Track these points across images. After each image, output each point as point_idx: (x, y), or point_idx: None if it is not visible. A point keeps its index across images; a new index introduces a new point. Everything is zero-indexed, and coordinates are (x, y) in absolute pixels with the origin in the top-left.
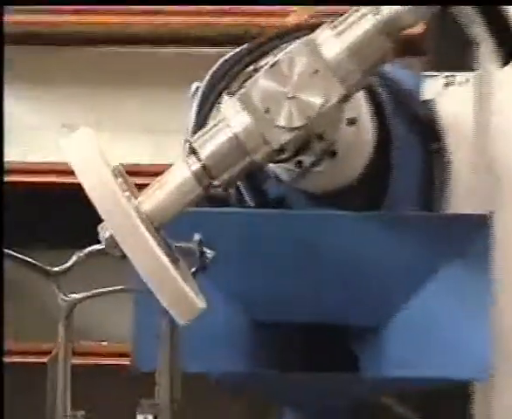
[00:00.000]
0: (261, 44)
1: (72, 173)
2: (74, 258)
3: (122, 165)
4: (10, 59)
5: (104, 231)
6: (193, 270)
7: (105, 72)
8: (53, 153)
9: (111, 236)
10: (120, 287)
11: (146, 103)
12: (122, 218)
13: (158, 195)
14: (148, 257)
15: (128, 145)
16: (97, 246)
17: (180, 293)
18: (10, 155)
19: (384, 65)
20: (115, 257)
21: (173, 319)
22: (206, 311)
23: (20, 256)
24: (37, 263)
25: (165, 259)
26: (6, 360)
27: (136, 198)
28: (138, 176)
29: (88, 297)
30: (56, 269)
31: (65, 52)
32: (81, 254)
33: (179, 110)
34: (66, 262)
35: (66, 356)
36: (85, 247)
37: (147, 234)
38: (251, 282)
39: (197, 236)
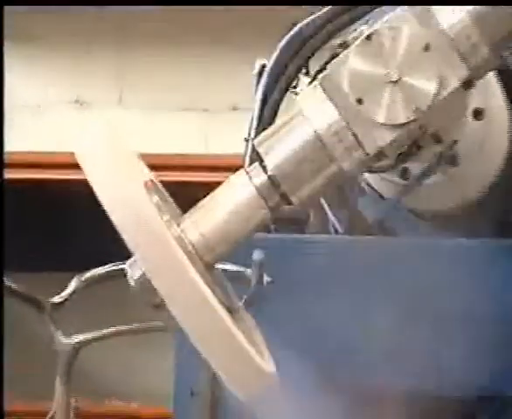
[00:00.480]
0: (349, 8)
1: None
2: (74, 284)
3: (153, 156)
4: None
5: (133, 270)
6: (243, 299)
7: (132, 33)
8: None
9: (143, 278)
10: (147, 325)
11: (185, 73)
12: (161, 253)
13: (209, 219)
14: (198, 308)
15: (166, 129)
16: (102, 269)
17: (243, 359)
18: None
19: None
20: (149, 305)
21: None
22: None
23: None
24: (24, 292)
25: (222, 312)
26: None
27: (179, 224)
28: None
29: (100, 338)
30: (52, 300)
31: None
32: (82, 278)
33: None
34: (61, 288)
35: None
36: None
37: (195, 275)
38: (336, 336)
39: (257, 255)
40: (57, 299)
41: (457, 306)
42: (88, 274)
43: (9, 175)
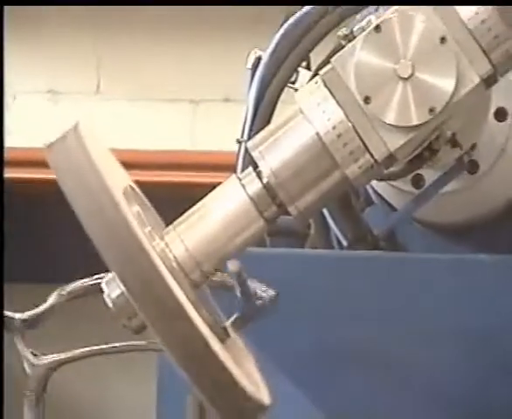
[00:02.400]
0: None
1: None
2: (53, 298)
3: (138, 152)
4: None
5: (110, 288)
6: (232, 319)
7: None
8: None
9: (122, 297)
10: (125, 344)
11: (170, 61)
12: (142, 270)
13: (196, 232)
14: (183, 331)
15: (149, 122)
16: (87, 281)
17: (233, 389)
18: None
19: None
20: (129, 328)
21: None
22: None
23: None
24: None
25: (211, 340)
26: None
27: (162, 236)
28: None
29: (73, 359)
30: (21, 316)
31: None
32: (64, 292)
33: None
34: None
35: None
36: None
37: (180, 295)
38: (336, 364)
39: (233, 266)
40: (29, 315)
41: (472, 325)
42: (70, 287)
43: None
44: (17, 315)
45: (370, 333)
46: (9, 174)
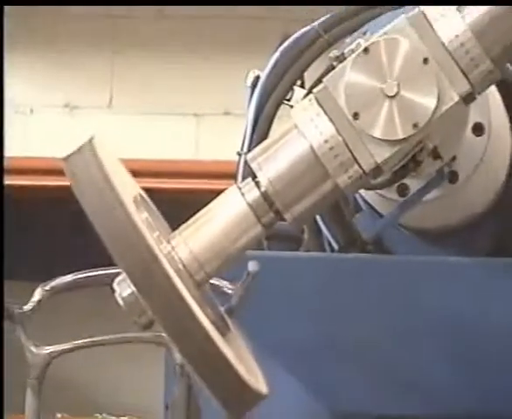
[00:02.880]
0: (346, 18)
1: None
2: (38, 294)
3: (147, 161)
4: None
5: (121, 288)
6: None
7: (123, 38)
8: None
9: (132, 296)
10: (123, 335)
11: (176, 77)
12: (150, 270)
13: (200, 236)
14: (187, 327)
15: (156, 134)
16: (69, 277)
17: (233, 379)
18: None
19: None
20: (139, 325)
21: (191, 384)
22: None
23: None
24: None
25: (213, 333)
26: None
27: (169, 240)
28: (166, 178)
29: (72, 349)
30: (21, 309)
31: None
32: (47, 288)
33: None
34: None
35: None
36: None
37: (186, 294)
38: (329, 358)
39: (253, 266)
40: (26, 308)
41: (453, 325)
42: (53, 283)
43: None
44: (22, 308)
45: (360, 329)
46: (27, 181)
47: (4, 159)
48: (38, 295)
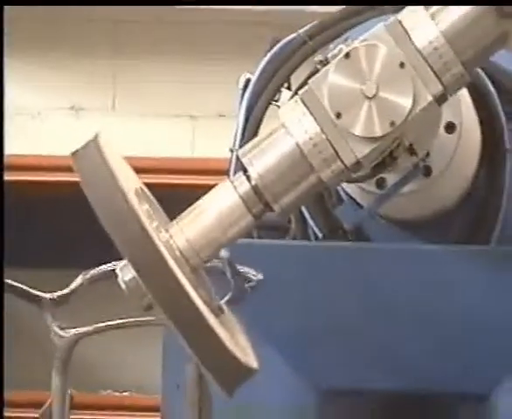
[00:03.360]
0: (329, 25)
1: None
2: (78, 281)
3: (147, 159)
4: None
5: (124, 273)
6: (226, 298)
7: (125, 44)
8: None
9: (134, 280)
10: (136, 319)
11: (174, 82)
12: (150, 257)
13: (195, 226)
14: (183, 308)
15: (156, 134)
16: (106, 267)
17: (224, 354)
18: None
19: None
20: (140, 307)
21: None
22: (260, 375)
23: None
24: (25, 287)
25: (206, 313)
26: None
27: (167, 229)
28: (166, 174)
29: (94, 332)
30: (50, 295)
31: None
32: (88, 276)
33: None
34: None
35: (63, 410)
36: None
37: (182, 278)
38: (315, 339)
39: (224, 254)
40: (58, 295)
41: (426, 307)
42: (94, 271)
43: (11, 177)
44: (47, 295)
45: (342, 311)
46: (36, 177)
47: (15, 157)
48: (78, 281)
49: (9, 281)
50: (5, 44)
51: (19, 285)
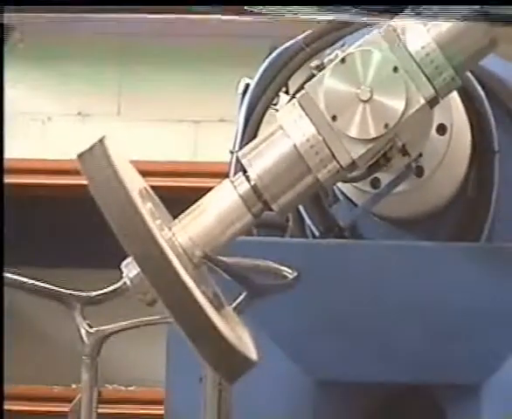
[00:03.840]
0: (325, 33)
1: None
2: (120, 284)
3: (151, 163)
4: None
5: (129, 269)
6: (239, 300)
7: (130, 53)
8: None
9: (138, 277)
10: (158, 317)
11: (177, 89)
12: (153, 254)
13: (197, 224)
14: (185, 303)
15: (160, 138)
16: None
17: (225, 347)
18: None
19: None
20: (144, 302)
21: None
22: (261, 366)
23: (32, 281)
24: (57, 288)
25: (207, 307)
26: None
27: (170, 228)
28: (169, 177)
29: (122, 329)
30: (85, 294)
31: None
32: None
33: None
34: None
35: (91, 404)
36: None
37: (184, 274)
38: (312, 332)
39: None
40: (93, 295)
41: (419, 301)
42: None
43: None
44: (83, 294)
45: (338, 306)
46: (45, 180)
47: (24, 161)
48: (120, 283)
49: (37, 282)
50: (17, 53)
51: (48, 286)
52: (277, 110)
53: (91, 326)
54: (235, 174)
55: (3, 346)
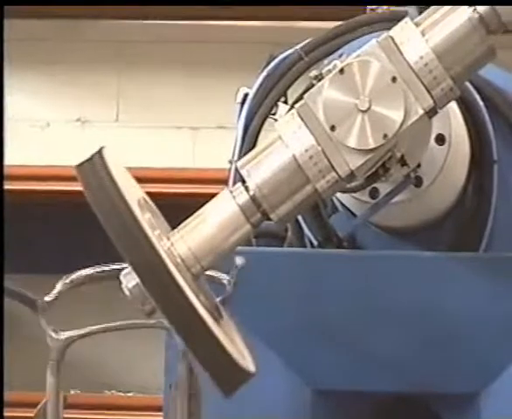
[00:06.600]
0: (324, 42)
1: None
2: (59, 287)
3: (150, 169)
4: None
5: (127, 279)
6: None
7: (128, 59)
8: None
9: (137, 287)
10: (131, 322)
11: (176, 95)
12: (152, 264)
13: (196, 234)
14: (185, 313)
15: (158, 145)
16: (86, 271)
17: (223, 358)
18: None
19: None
20: (143, 312)
21: (192, 366)
22: (258, 377)
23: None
24: (21, 291)
25: (207, 318)
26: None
27: (168, 238)
28: (167, 183)
29: (87, 334)
30: (44, 299)
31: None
32: (67, 281)
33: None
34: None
35: (57, 409)
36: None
37: (183, 285)
38: (309, 341)
39: (240, 260)
40: (47, 299)
41: (416, 311)
42: (73, 276)
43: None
44: (45, 298)
45: (336, 315)
46: (44, 187)
47: (24, 167)
48: (59, 287)
49: (8, 286)
50: (17, 59)
51: (16, 289)
52: (276, 120)
53: (55, 331)
54: (234, 184)
55: (3, 350)
